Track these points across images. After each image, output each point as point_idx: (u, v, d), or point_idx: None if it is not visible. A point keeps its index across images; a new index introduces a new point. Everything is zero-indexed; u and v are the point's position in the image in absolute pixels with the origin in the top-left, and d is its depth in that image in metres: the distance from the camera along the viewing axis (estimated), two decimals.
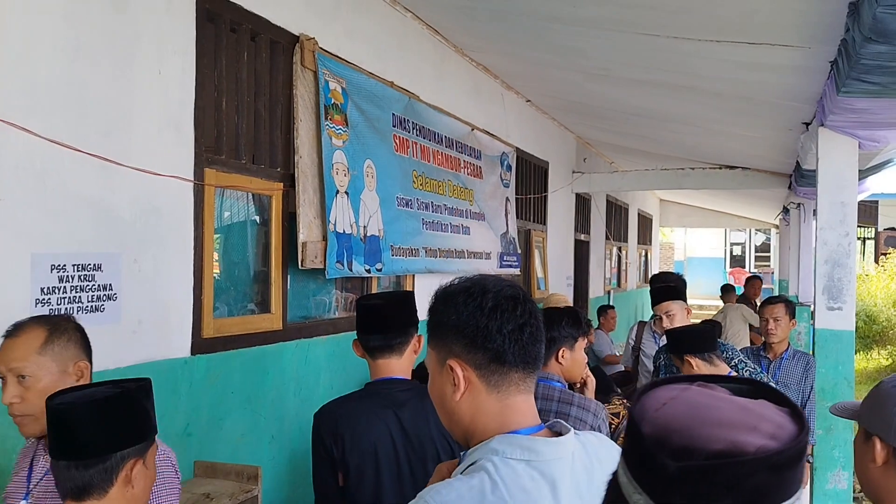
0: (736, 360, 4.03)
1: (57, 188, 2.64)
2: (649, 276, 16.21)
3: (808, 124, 5.71)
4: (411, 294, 2.35)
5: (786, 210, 11.50)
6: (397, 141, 4.94)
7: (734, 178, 9.10)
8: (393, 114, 4.89)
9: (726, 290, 10.29)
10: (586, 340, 3.02)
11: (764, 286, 11.55)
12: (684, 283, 5.20)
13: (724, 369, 3.66)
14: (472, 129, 6.18)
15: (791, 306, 4.93)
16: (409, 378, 2.20)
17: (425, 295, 4.98)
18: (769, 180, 9.01)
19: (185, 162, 3.23)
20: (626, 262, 13.74)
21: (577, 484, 1.29)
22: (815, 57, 4.02)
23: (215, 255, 3.51)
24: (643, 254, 15.86)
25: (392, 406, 2.09)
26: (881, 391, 1.60)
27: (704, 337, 3.75)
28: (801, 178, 7.57)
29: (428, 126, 5.40)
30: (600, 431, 2.76)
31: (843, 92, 3.95)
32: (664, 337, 4.52)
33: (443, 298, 1.39)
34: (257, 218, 3.90)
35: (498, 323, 1.32)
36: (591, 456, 1.35)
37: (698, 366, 3.65)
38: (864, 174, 6.55)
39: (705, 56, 4.53)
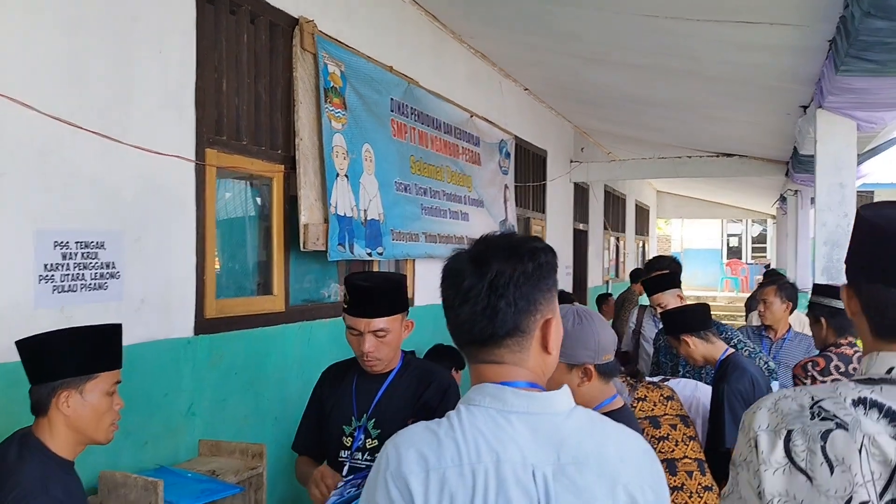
0: (735, 341, 4.05)
1: (58, 165, 2.64)
2: (640, 273, 16.20)
3: (805, 107, 5.73)
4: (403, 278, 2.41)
5: (783, 199, 11.53)
6: (395, 126, 4.94)
7: (731, 165, 9.13)
8: (391, 98, 4.89)
9: None
10: None
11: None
12: (679, 266, 5.22)
13: (720, 347, 3.67)
14: (471, 116, 6.19)
15: (786, 290, 4.92)
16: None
17: (426, 278, 4.98)
18: (766, 167, 9.04)
19: (186, 142, 3.23)
20: (625, 253, 13.76)
21: (561, 442, 1.22)
22: (813, 36, 4.03)
23: (217, 236, 3.51)
24: (641, 245, 15.89)
25: None
26: (571, 334, 1.99)
27: (699, 315, 3.77)
28: (798, 164, 7.60)
29: (426, 112, 5.40)
30: None
31: (841, 71, 3.97)
32: None
33: None
34: (259, 200, 3.90)
35: (443, 295, 1.32)
36: (594, 427, 1.28)
37: (695, 344, 3.67)
38: (859, 159, 6.59)
39: (703, 37, 4.55)
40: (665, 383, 3.77)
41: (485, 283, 1.26)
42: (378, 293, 2.23)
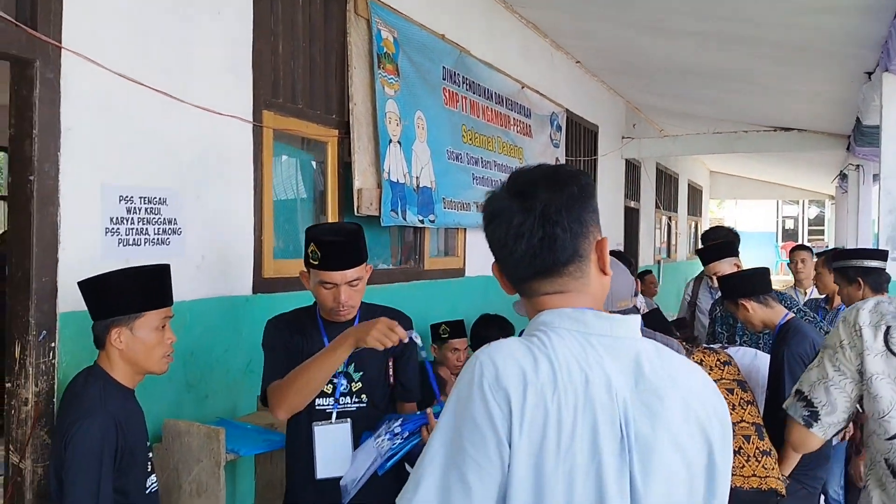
0: (795, 309, 3.96)
1: (122, 121, 2.71)
2: (700, 247, 15.91)
3: (870, 74, 5.54)
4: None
5: (843, 175, 11.19)
6: (447, 94, 4.93)
7: (789, 140, 8.88)
8: (443, 67, 4.88)
9: None
10: None
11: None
12: (736, 236, 5.14)
13: (780, 311, 3.60)
14: (522, 87, 6.14)
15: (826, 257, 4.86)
16: None
17: (478, 249, 4.96)
18: (826, 141, 8.78)
19: (243, 103, 3.27)
20: (676, 233, 13.53)
21: (638, 367, 1.22)
22: None
23: (273, 198, 3.56)
24: (693, 225, 15.61)
25: None
26: None
27: (757, 279, 3.69)
28: (860, 137, 7.36)
29: (478, 81, 5.38)
30: None
31: None
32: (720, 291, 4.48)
33: None
34: (314, 164, 3.95)
35: (490, 235, 1.29)
36: (663, 355, 1.28)
37: (753, 308, 3.60)
38: None
39: None
40: (724, 350, 3.72)
41: (536, 214, 1.24)
42: (348, 245, 2.30)
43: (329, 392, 2.30)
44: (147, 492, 2.13)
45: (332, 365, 2.14)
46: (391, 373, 2.41)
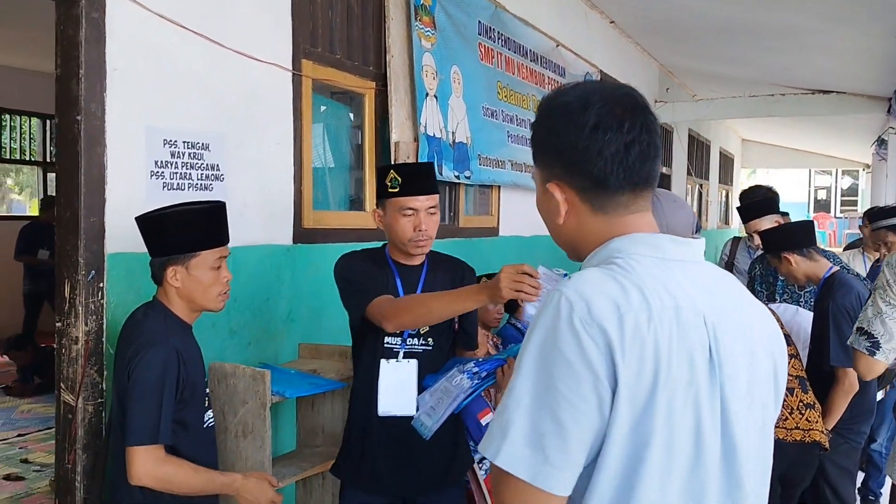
0: (839, 266, 3.90)
1: (166, 63, 2.70)
2: (730, 218, 15.77)
3: None
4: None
5: (881, 141, 10.92)
6: (482, 50, 4.87)
7: (828, 103, 8.67)
8: (479, 21, 4.82)
9: None
10: None
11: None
12: (776, 194, 5.06)
13: (824, 264, 3.54)
14: (557, 46, 6.05)
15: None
16: None
17: (511, 209, 4.90)
18: (866, 104, 8.56)
19: (283, 51, 3.25)
20: (707, 201, 13.36)
21: (711, 289, 1.20)
22: None
23: (312, 149, 3.55)
24: (725, 194, 15.40)
25: None
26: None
27: (801, 232, 3.63)
28: None
29: (513, 38, 5.30)
30: None
31: None
32: (759, 251, 4.41)
33: (545, 113, 1.26)
34: (351, 115, 3.93)
35: (599, 145, 1.18)
36: (726, 279, 1.28)
37: (797, 262, 3.54)
38: None
39: None
40: (766, 305, 3.67)
41: (640, 121, 1.20)
42: (427, 170, 2.39)
43: (398, 332, 2.31)
44: (204, 426, 2.16)
45: (456, 308, 2.14)
46: (456, 319, 2.42)
